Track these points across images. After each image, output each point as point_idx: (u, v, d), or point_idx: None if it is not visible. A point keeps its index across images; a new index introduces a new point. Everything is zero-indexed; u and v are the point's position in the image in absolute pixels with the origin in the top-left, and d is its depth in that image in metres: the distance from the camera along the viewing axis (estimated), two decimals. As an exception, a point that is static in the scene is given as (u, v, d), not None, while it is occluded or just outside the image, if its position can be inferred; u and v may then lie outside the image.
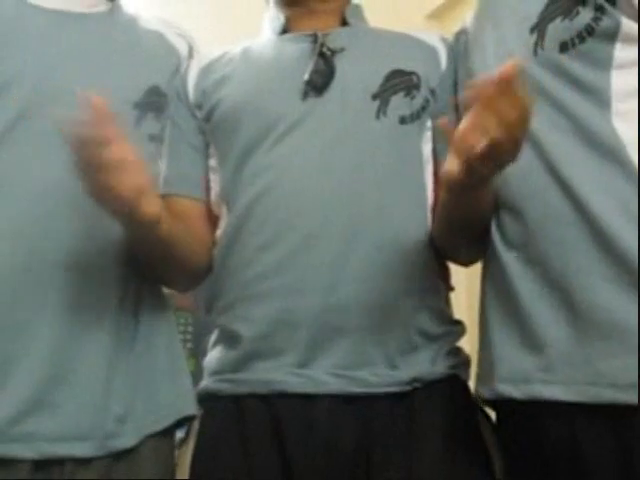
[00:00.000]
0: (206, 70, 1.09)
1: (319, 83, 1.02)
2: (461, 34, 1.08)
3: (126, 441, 0.90)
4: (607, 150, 0.81)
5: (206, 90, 1.07)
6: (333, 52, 1.04)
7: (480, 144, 0.74)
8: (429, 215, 1.03)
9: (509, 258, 0.88)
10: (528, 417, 0.86)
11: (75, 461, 0.86)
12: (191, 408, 0.97)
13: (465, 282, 1.32)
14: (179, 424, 0.98)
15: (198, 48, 1.13)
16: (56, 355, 0.86)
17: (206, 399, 1.01)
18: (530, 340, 0.85)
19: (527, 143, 0.86)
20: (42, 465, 0.85)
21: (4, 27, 0.92)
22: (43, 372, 0.85)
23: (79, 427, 0.86)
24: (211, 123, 1.07)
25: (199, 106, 1.08)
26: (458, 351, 1.02)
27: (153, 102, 1.02)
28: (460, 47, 1.06)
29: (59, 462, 0.86)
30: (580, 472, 0.80)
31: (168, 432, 0.96)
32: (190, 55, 1.10)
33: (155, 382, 0.94)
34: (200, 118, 1.08)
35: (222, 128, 1.06)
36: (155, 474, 0.93)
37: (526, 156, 0.86)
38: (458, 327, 1.04)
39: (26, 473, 0.84)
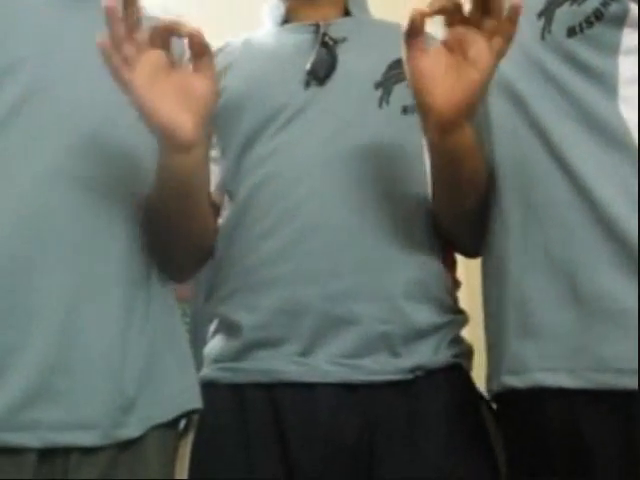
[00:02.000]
0: None
1: (321, 73, 1.02)
2: None
3: (132, 431, 0.88)
4: (613, 136, 0.81)
5: None
6: (335, 42, 1.04)
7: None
8: (431, 204, 1.02)
9: (509, 244, 0.88)
10: (529, 406, 0.85)
11: (80, 451, 0.85)
12: (197, 401, 0.96)
13: (465, 275, 1.32)
14: (183, 415, 0.97)
15: None
16: (62, 341, 0.85)
17: (206, 388, 1.00)
18: (531, 328, 0.84)
19: (531, 128, 0.86)
20: (47, 455, 0.83)
21: (4, 11, 0.91)
22: (48, 358, 0.84)
23: (84, 416, 0.85)
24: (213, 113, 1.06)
25: None
26: (460, 340, 1.02)
27: None
28: None
29: (64, 452, 0.84)
30: (583, 458, 0.80)
31: (173, 423, 0.95)
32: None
33: (162, 373, 0.93)
34: None
35: (224, 118, 1.05)
36: (160, 465, 0.92)
37: (530, 141, 0.86)
38: (461, 316, 1.04)
39: (31, 463, 0.82)
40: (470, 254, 1.07)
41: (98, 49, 0.82)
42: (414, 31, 0.83)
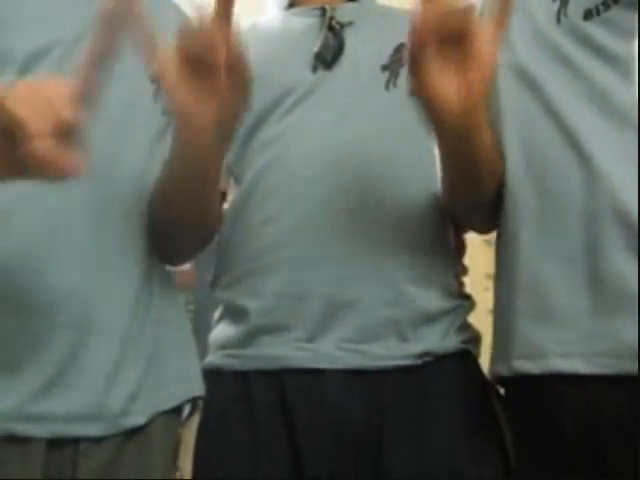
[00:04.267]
0: None
1: (328, 57, 1.01)
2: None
3: (137, 419, 0.88)
4: (630, 120, 0.80)
5: None
6: (342, 26, 1.03)
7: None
8: (439, 187, 1.02)
9: (523, 230, 0.87)
10: (540, 390, 0.85)
11: (89, 440, 0.85)
12: (200, 389, 0.96)
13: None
14: (186, 402, 0.97)
15: None
16: (75, 338, 0.84)
17: (211, 374, 0.99)
18: (546, 312, 0.84)
19: (547, 112, 0.85)
20: (56, 443, 0.84)
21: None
22: (61, 355, 0.84)
23: (91, 407, 0.85)
24: None
25: None
26: (469, 326, 1.02)
27: None
28: None
29: (73, 440, 0.85)
30: (596, 443, 0.79)
31: (177, 409, 0.95)
32: None
33: (165, 362, 0.92)
34: None
35: None
36: (165, 451, 0.92)
37: (544, 125, 0.85)
38: (467, 301, 1.03)
39: (40, 451, 0.83)
40: (481, 231, 1.06)
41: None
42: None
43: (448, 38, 0.77)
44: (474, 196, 0.96)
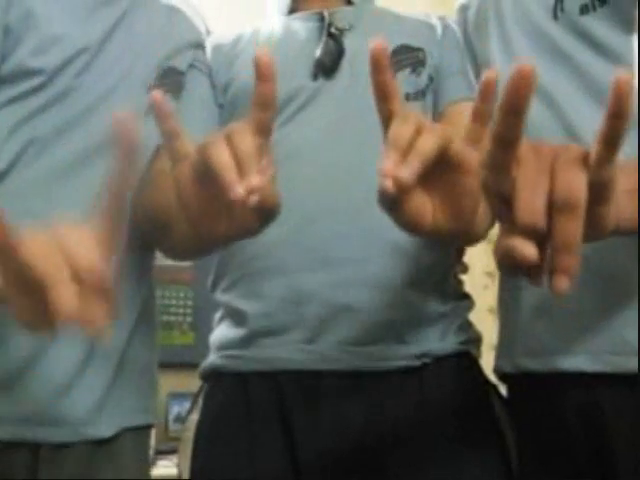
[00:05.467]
0: (217, 51, 1.07)
1: (329, 65, 1.01)
2: (465, 9, 1.06)
3: (103, 430, 0.88)
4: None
5: (218, 71, 1.06)
6: (341, 31, 1.03)
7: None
8: None
9: None
10: (546, 388, 0.84)
11: (50, 445, 0.84)
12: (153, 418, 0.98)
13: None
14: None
15: (210, 29, 1.11)
16: (38, 342, 0.83)
17: (212, 375, 0.99)
18: (550, 309, 0.83)
19: (547, 108, 0.84)
20: (11, 446, 0.83)
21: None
22: (21, 355, 0.83)
23: (50, 411, 0.84)
24: (224, 104, 1.05)
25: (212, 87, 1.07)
26: (469, 327, 1.01)
27: (170, 82, 0.99)
28: (465, 20, 1.04)
29: (33, 445, 0.84)
30: (600, 440, 0.79)
31: (146, 426, 0.96)
32: (206, 34, 1.09)
33: (133, 376, 0.92)
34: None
35: (233, 108, 1.04)
36: (136, 463, 0.93)
37: (546, 122, 0.84)
38: (466, 302, 1.03)
39: None
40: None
41: None
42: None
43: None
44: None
